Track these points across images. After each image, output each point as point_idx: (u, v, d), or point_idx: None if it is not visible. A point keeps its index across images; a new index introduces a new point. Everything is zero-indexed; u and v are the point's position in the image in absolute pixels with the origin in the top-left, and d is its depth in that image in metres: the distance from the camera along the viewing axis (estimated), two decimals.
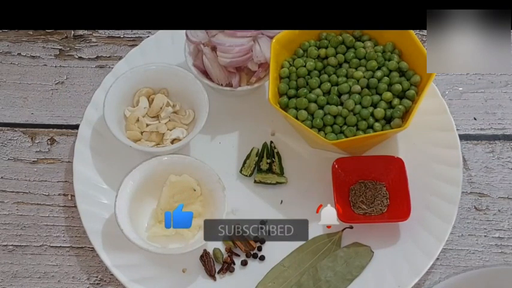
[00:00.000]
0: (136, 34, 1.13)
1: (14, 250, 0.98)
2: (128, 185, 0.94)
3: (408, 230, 0.95)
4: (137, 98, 1.02)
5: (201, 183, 0.96)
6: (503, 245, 0.97)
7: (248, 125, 1.04)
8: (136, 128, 1.00)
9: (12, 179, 1.02)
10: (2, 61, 1.11)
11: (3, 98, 1.08)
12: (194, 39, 1.00)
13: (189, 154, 1.01)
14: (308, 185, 0.99)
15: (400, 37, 0.98)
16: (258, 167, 1.00)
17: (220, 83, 1.01)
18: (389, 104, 0.96)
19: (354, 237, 0.95)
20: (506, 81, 1.08)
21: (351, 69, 0.98)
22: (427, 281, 0.95)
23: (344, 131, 0.95)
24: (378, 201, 0.96)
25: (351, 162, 0.98)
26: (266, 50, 0.98)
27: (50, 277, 0.96)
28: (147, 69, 1.02)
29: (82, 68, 1.10)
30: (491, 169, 1.02)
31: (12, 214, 1.00)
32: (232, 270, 0.95)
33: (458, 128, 1.02)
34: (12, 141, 1.05)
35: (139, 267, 0.94)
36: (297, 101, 0.96)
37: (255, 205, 0.99)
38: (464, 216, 0.99)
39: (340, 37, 1.00)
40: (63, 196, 1.01)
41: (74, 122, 1.06)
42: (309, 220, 0.96)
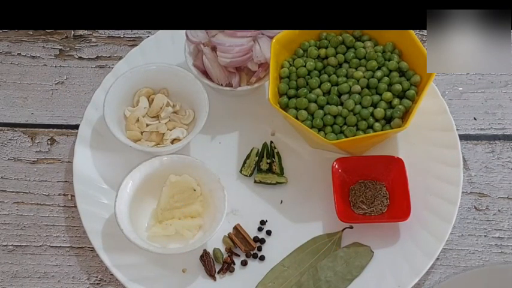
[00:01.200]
0: (136, 34, 1.13)
1: (14, 250, 0.98)
2: (128, 185, 0.94)
3: (408, 230, 0.95)
4: (137, 98, 1.02)
5: (201, 183, 0.96)
6: (503, 245, 0.97)
7: (248, 125, 1.04)
8: (136, 128, 1.00)
9: (12, 179, 1.02)
10: (2, 61, 1.11)
11: (3, 98, 1.08)
12: (194, 39, 1.00)
13: (189, 154, 1.01)
14: (308, 185, 0.99)
15: (400, 37, 0.99)
16: (258, 167, 1.00)
17: (220, 83, 1.01)
18: (389, 104, 0.96)
19: (354, 237, 0.95)
20: (506, 81, 1.08)
21: (351, 69, 0.98)
22: (427, 281, 0.95)
23: (344, 131, 0.95)
24: (378, 201, 0.96)
25: (351, 162, 0.98)
26: (266, 50, 0.98)
27: (50, 277, 0.96)
28: (147, 69, 1.02)
29: (82, 68, 1.10)
30: (491, 169, 1.02)
31: (12, 214, 1.00)
32: (232, 270, 0.95)
33: (458, 128, 1.02)
34: (12, 141, 1.05)
35: (139, 267, 0.94)
36: (297, 101, 0.96)
37: (255, 205, 0.99)
38: (464, 216, 0.99)
39: (340, 37, 1.00)
40: (63, 196, 1.01)
41: (74, 122, 1.06)
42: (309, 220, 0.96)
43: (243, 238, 0.96)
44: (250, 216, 0.98)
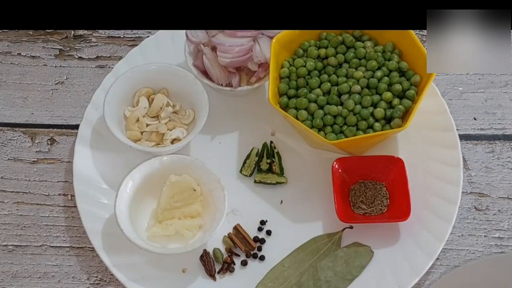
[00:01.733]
0: (136, 34, 1.13)
1: (14, 250, 0.98)
2: (128, 185, 0.94)
3: (408, 230, 0.95)
4: (137, 98, 1.02)
5: (201, 183, 0.96)
6: (503, 245, 0.97)
7: (248, 125, 1.04)
8: (136, 128, 1.00)
9: (12, 179, 1.02)
10: (2, 61, 1.11)
11: (3, 98, 1.08)
12: (194, 39, 1.00)
13: (189, 154, 1.01)
14: (308, 185, 0.99)
15: (400, 37, 0.98)
16: (258, 167, 1.00)
17: (220, 83, 1.01)
18: (389, 104, 0.96)
19: (354, 237, 0.95)
20: (506, 81, 1.08)
21: (351, 69, 0.98)
22: (427, 281, 0.95)
23: (344, 131, 0.95)
24: (378, 201, 0.96)
25: (351, 162, 0.98)
26: (266, 50, 0.98)
27: (50, 277, 0.96)
28: (147, 69, 1.02)
29: (82, 68, 1.10)
30: (491, 169, 1.02)
31: (12, 214, 1.00)
32: (232, 270, 0.95)
33: (458, 128, 1.02)
34: (12, 141, 1.05)
35: (139, 267, 0.94)
36: (297, 101, 0.96)
37: (255, 205, 0.99)
38: (464, 216, 0.99)
39: (340, 37, 1.00)
40: (63, 196, 1.01)
41: (74, 122, 1.06)
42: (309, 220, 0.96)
43: (243, 238, 0.96)
44: (250, 216, 0.98)
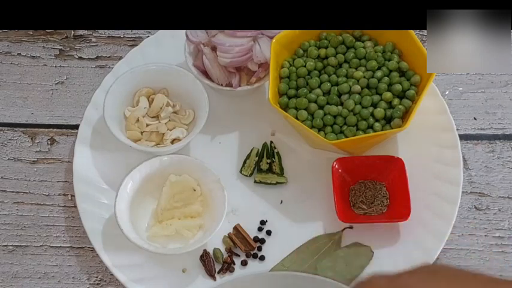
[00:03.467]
0: (136, 34, 1.13)
1: (14, 250, 0.98)
2: (128, 185, 0.94)
3: (408, 230, 0.95)
4: (137, 98, 1.02)
5: (201, 183, 0.96)
6: (503, 245, 0.97)
7: (248, 125, 1.04)
8: (136, 128, 1.00)
9: (12, 179, 1.02)
10: (2, 61, 1.11)
11: (3, 98, 1.08)
12: (194, 39, 1.00)
13: (189, 154, 1.01)
14: (308, 185, 0.99)
15: (400, 37, 0.99)
16: (258, 167, 1.00)
17: (220, 83, 1.01)
18: (389, 104, 0.96)
19: (354, 237, 0.95)
20: (506, 81, 1.08)
21: (351, 69, 0.98)
22: None
23: (344, 131, 0.95)
24: (378, 201, 0.96)
25: (350, 162, 0.98)
26: (266, 50, 0.98)
27: (50, 277, 0.96)
28: (147, 69, 1.02)
29: (82, 68, 1.10)
30: (491, 169, 1.02)
31: (12, 214, 1.00)
32: (232, 270, 0.95)
33: (458, 128, 1.02)
34: (12, 141, 1.05)
35: (139, 267, 0.94)
36: (297, 101, 0.96)
37: (255, 205, 0.99)
38: (464, 216, 0.99)
39: (340, 37, 1.00)
40: (63, 196, 1.01)
41: (74, 122, 1.06)
42: (309, 220, 0.96)
43: (243, 238, 0.96)
44: (250, 216, 0.98)
